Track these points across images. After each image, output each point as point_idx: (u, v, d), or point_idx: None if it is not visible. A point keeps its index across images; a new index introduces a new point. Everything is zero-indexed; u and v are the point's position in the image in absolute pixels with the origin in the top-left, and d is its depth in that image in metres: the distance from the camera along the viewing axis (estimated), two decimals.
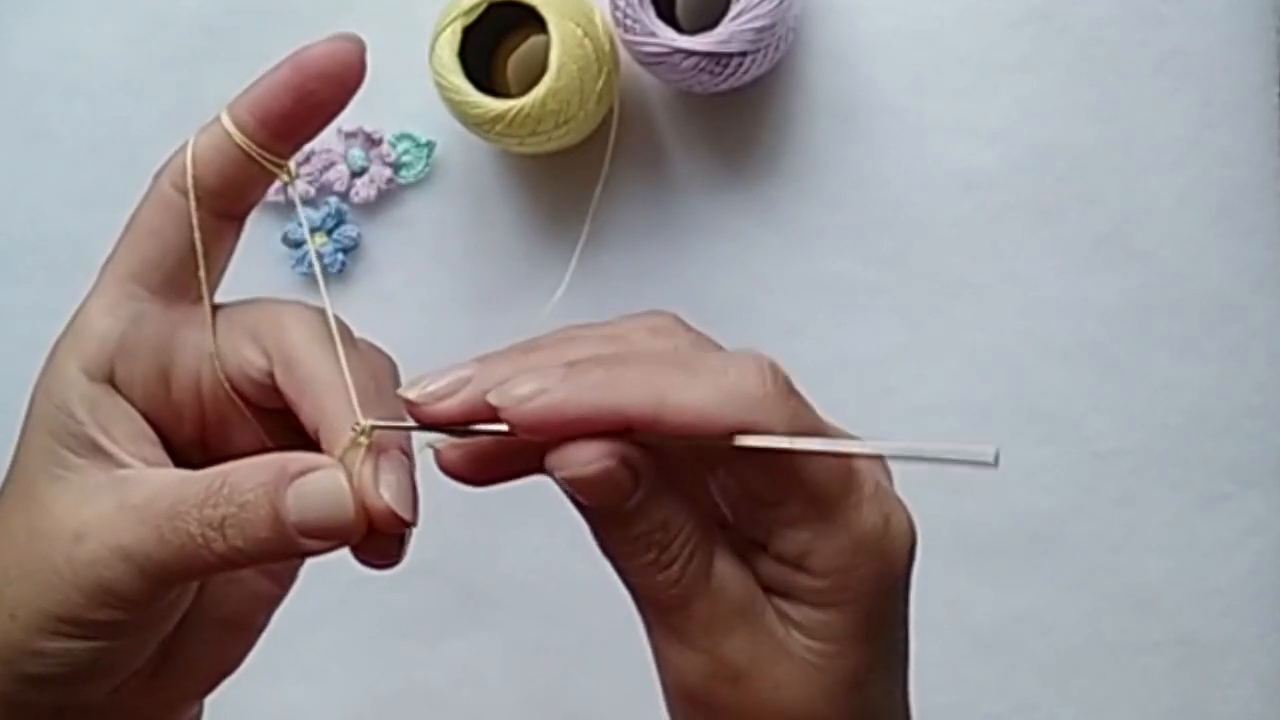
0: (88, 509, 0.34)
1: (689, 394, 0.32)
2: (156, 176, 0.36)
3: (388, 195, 0.72)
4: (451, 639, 0.72)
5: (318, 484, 0.34)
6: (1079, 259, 0.68)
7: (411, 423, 0.35)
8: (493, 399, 0.33)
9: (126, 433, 0.36)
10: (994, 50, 0.69)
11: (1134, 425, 0.68)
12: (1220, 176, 0.68)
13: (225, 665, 0.40)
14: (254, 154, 0.35)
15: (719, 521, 0.35)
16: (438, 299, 0.72)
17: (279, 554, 0.34)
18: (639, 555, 0.34)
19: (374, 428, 0.35)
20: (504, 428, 0.33)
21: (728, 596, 0.34)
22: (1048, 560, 0.69)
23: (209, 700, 0.41)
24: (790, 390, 0.34)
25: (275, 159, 0.36)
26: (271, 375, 0.36)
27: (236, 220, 0.37)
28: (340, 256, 0.71)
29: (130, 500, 0.34)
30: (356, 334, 0.38)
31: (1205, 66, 0.67)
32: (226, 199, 0.36)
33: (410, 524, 0.35)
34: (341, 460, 0.34)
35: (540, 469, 0.35)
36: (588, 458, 0.32)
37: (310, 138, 0.36)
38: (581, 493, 0.33)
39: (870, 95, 0.69)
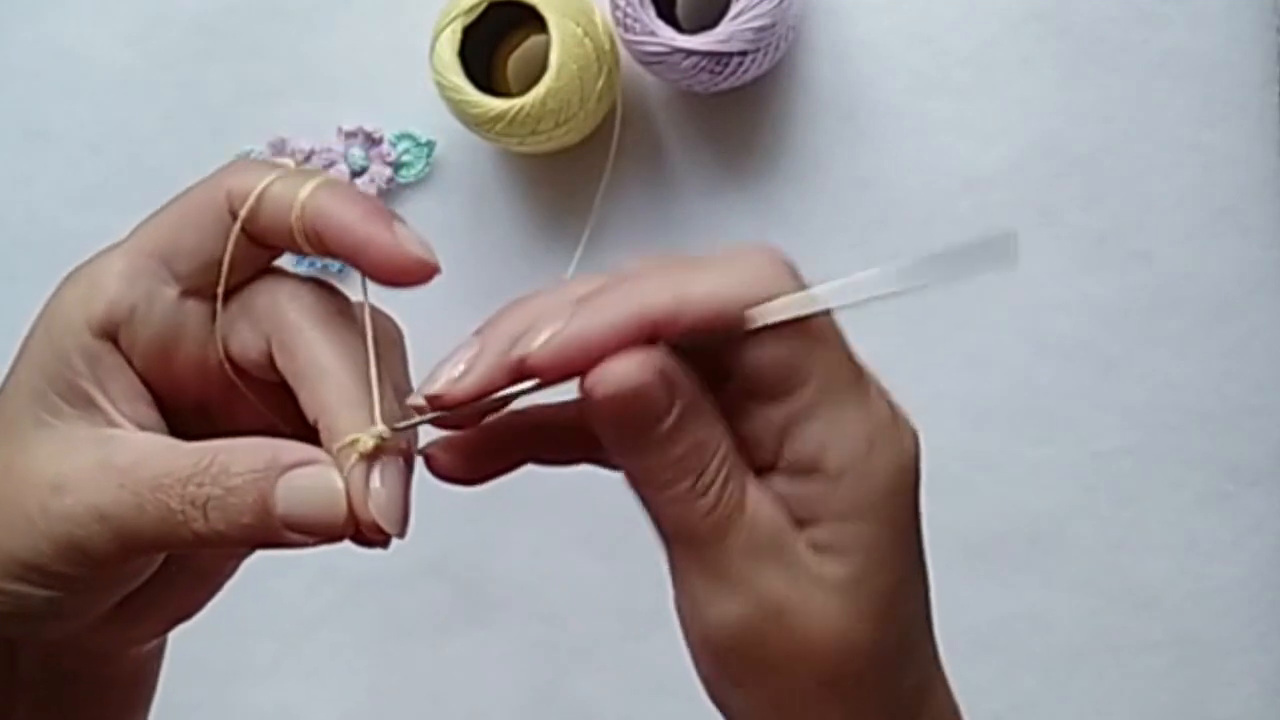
0: (69, 462, 0.34)
1: (704, 285, 0.32)
2: (220, 178, 0.36)
3: (388, 195, 0.71)
4: (453, 639, 0.72)
5: (311, 480, 0.33)
6: (1079, 259, 0.68)
7: (416, 417, 0.34)
8: (517, 354, 0.32)
9: (123, 392, 0.35)
10: (994, 50, 0.69)
11: (1134, 425, 0.68)
12: (1220, 176, 0.68)
13: (188, 609, 0.40)
14: (304, 247, 0.36)
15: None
16: (438, 299, 0.72)
17: (260, 542, 0.34)
18: (675, 483, 0.33)
19: (391, 430, 0.34)
20: (528, 385, 0.33)
21: (762, 524, 0.33)
22: (1048, 560, 0.69)
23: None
24: (796, 271, 0.34)
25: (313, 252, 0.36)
26: (270, 355, 0.36)
27: (272, 250, 0.37)
28: None
29: (114, 461, 0.34)
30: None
31: (1205, 66, 0.67)
32: (269, 238, 0.36)
33: (398, 536, 0.34)
34: (337, 459, 0.34)
35: (530, 455, 0.36)
36: (625, 368, 0.32)
37: None
38: (620, 411, 0.32)
39: (870, 95, 0.69)
